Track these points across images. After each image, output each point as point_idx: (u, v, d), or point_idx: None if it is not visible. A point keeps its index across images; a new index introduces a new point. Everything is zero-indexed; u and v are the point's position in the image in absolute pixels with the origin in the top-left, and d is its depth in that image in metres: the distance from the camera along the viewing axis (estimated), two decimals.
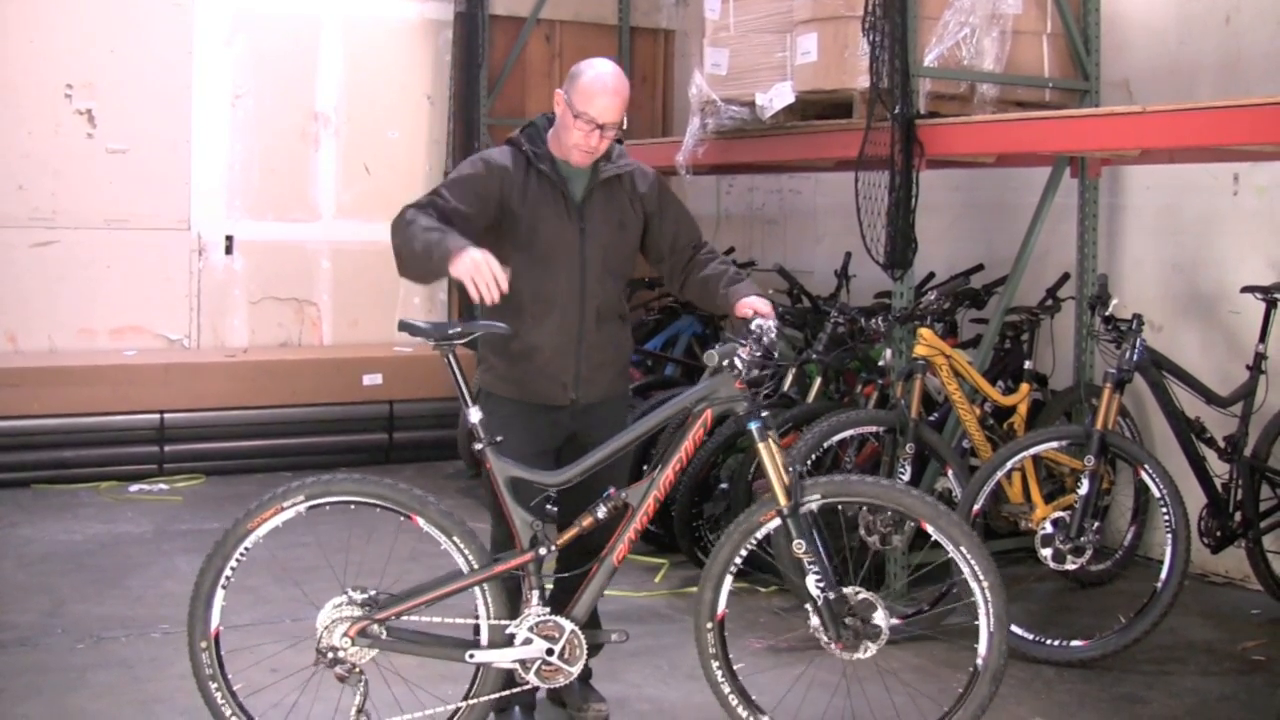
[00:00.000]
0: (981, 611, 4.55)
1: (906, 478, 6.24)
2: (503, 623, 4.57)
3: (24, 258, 9.59)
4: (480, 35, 10.62)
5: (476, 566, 4.55)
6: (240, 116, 10.31)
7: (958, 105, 6.89)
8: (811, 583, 4.53)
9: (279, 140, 10.46)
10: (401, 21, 10.84)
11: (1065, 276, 7.43)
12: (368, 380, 9.90)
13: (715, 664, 4.64)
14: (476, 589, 4.57)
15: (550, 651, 4.53)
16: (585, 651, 4.60)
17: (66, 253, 9.71)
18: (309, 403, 9.73)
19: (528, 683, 4.59)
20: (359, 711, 4.51)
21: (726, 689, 4.65)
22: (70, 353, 9.64)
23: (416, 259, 4.60)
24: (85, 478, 9.01)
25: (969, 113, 6.85)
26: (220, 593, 4.51)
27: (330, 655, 4.49)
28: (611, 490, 4.63)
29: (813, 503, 4.60)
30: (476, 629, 4.62)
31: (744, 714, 4.64)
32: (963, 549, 4.53)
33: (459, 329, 4.52)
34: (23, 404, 8.93)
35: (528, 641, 4.53)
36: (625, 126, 4.97)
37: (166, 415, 9.31)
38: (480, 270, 4.43)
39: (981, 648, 4.57)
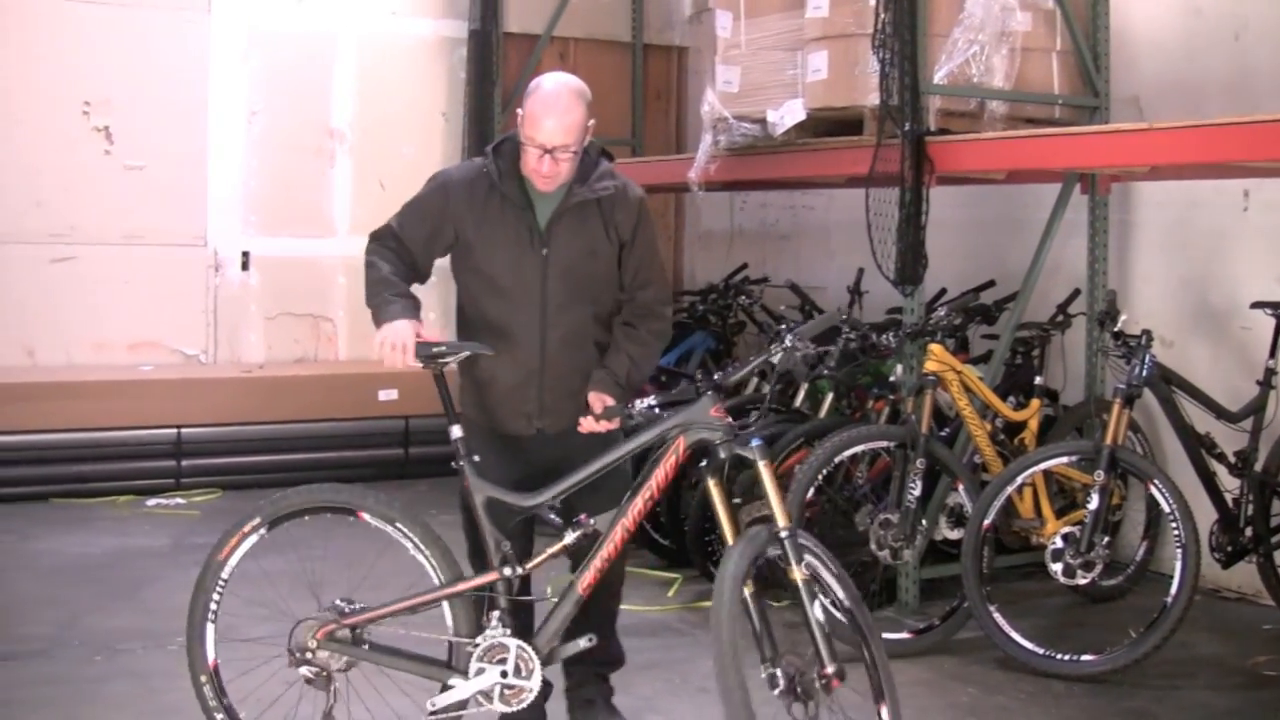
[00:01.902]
0: None
1: (917, 493, 6.27)
2: (463, 641, 4.54)
3: (42, 273, 9.67)
4: (494, 52, 10.67)
5: (444, 580, 4.57)
6: (256, 133, 10.39)
7: (967, 122, 6.93)
8: (819, 607, 4.27)
9: (294, 156, 10.53)
10: (416, 39, 10.91)
11: (1076, 292, 7.45)
12: (383, 395, 9.95)
13: None
14: (445, 604, 4.58)
15: (504, 674, 4.46)
16: (537, 664, 4.48)
17: (84, 268, 9.79)
18: (324, 418, 9.77)
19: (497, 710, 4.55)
20: (326, 716, 4.54)
21: None
22: (87, 367, 9.71)
23: (368, 303, 4.77)
24: (102, 492, 9.06)
25: (979, 129, 6.89)
26: (210, 627, 4.58)
27: (299, 654, 4.53)
28: (583, 516, 4.51)
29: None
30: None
31: None
32: None
33: (443, 348, 4.57)
34: (40, 418, 9.00)
35: (480, 672, 4.47)
36: (586, 147, 4.72)
37: (183, 430, 9.37)
38: (385, 348, 4.61)
39: None
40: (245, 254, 10.35)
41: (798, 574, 4.26)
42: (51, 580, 7.22)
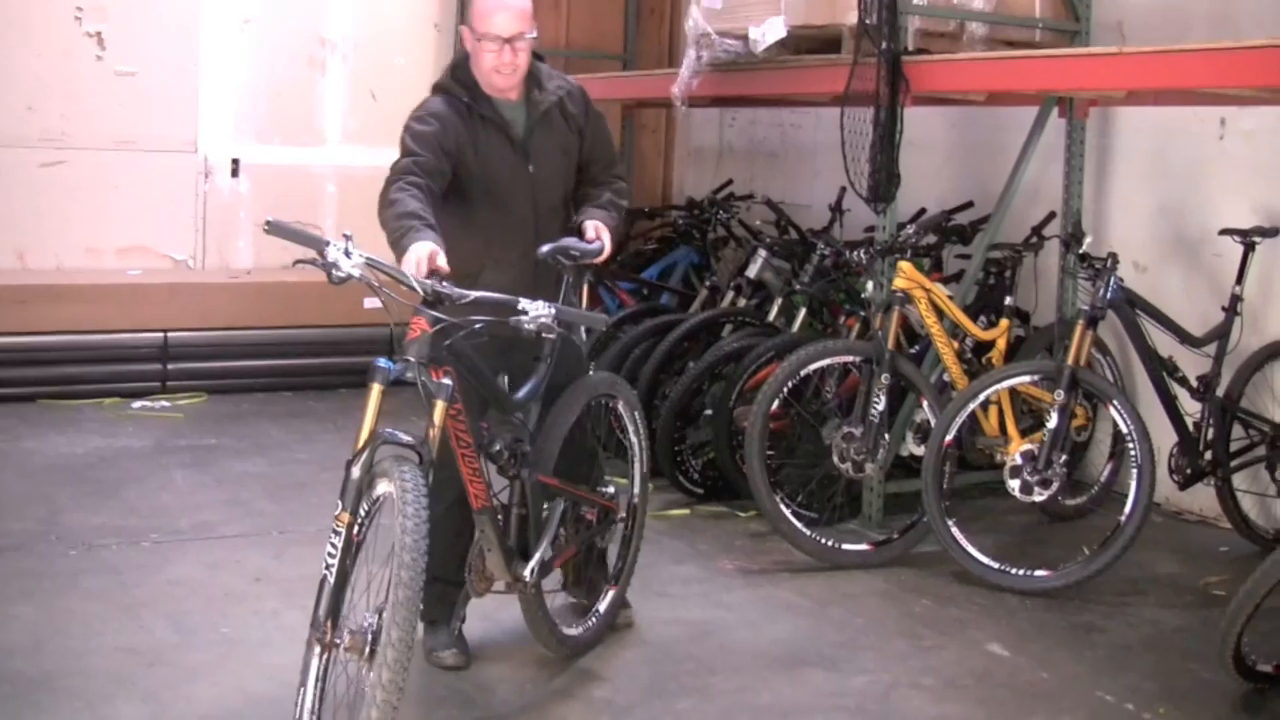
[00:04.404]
0: None
1: (881, 408, 6.35)
2: None
3: (33, 177, 9.69)
4: None
5: None
6: (248, 41, 10.36)
7: (947, 43, 6.96)
8: None
9: (287, 65, 10.52)
10: None
11: (1051, 215, 7.48)
12: (369, 303, 9.96)
13: None
14: None
15: None
16: None
17: (75, 173, 9.80)
18: (311, 324, 9.81)
19: None
20: None
21: None
22: (77, 271, 9.76)
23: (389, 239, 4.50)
24: (89, 394, 9.12)
25: (959, 51, 6.92)
26: None
27: None
28: None
29: None
30: None
31: None
32: None
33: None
34: (30, 321, 9.07)
35: None
36: (535, 35, 4.87)
37: (170, 334, 9.43)
38: (410, 264, 4.33)
39: None
40: (235, 161, 10.36)
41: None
42: (36, 478, 7.31)
